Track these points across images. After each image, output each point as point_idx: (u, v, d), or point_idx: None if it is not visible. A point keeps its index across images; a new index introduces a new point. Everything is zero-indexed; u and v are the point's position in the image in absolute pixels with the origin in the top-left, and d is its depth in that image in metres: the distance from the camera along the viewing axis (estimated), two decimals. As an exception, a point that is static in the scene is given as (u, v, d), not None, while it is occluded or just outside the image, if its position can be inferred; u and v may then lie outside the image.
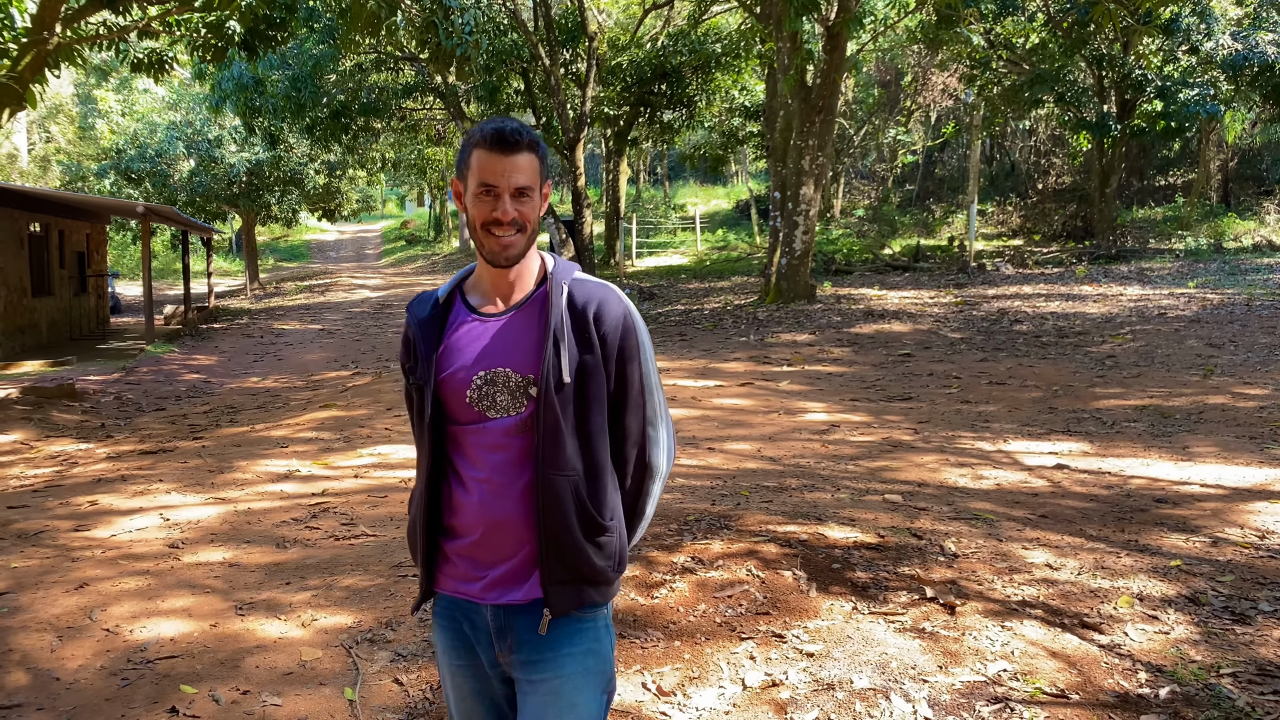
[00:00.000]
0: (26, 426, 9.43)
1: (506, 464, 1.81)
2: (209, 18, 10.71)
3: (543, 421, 1.78)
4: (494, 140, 1.78)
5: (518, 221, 1.80)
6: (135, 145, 26.61)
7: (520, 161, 1.79)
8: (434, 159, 34.60)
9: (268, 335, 18.54)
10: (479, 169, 1.80)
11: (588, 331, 1.82)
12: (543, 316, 1.83)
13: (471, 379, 1.82)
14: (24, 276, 16.40)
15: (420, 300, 1.94)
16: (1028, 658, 3.41)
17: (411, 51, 19.96)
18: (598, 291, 1.86)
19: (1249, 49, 20.10)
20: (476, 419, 1.82)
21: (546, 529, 1.78)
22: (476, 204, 1.81)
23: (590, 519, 1.81)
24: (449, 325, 1.90)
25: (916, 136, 35.37)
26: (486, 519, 1.82)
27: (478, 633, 1.86)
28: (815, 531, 4.68)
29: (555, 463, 1.78)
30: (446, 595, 1.90)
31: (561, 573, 1.80)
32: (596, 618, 1.87)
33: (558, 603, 1.80)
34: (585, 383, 1.82)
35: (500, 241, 1.80)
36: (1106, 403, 8.73)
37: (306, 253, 47.93)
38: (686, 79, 21.32)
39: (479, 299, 1.91)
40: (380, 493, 6.05)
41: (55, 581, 4.39)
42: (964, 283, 19.54)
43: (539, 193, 1.84)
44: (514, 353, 1.82)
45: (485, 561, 1.84)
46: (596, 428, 1.84)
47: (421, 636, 3.73)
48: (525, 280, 1.88)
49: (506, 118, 1.84)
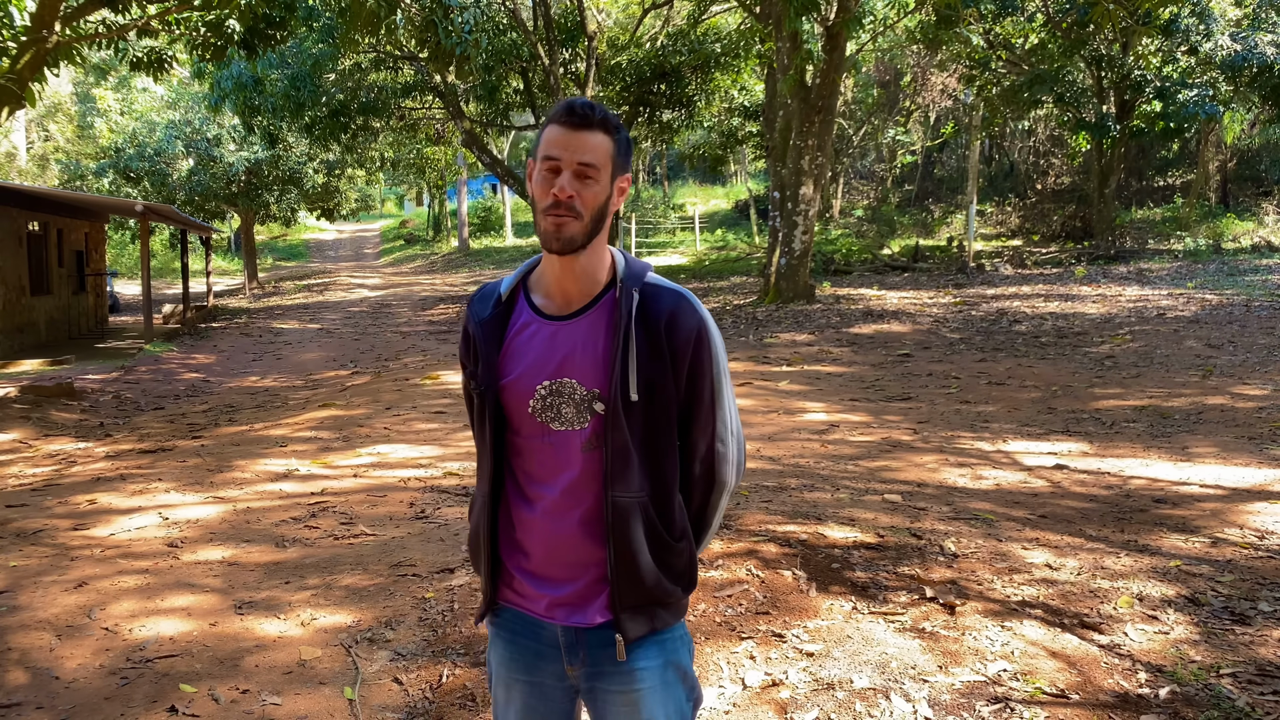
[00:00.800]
0: (25, 425, 9.42)
1: (571, 481, 1.72)
2: (208, 16, 10.71)
3: (611, 441, 1.68)
4: (565, 113, 1.65)
5: (575, 203, 1.63)
6: (134, 144, 26.60)
7: (589, 139, 1.64)
8: (433, 158, 34.59)
9: (266, 334, 18.53)
10: (546, 143, 1.66)
11: (659, 343, 1.70)
12: (611, 324, 1.70)
13: (535, 388, 1.71)
14: (23, 275, 16.38)
15: (482, 296, 1.82)
16: (1028, 658, 3.41)
17: (411, 50, 19.95)
18: (671, 299, 1.73)
19: (1248, 50, 20.12)
20: (539, 431, 1.72)
21: (617, 554, 1.69)
22: (539, 183, 1.66)
23: (660, 540, 1.73)
24: (511, 325, 1.77)
25: (915, 137, 35.39)
26: (549, 536, 1.73)
27: (543, 646, 1.78)
28: (815, 531, 4.68)
29: (624, 484, 1.69)
30: (510, 608, 1.81)
31: (633, 598, 1.72)
32: (674, 629, 1.80)
33: (631, 629, 1.72)
34: (654, 398, 1.71)
35: (553, 220, 1.64)
36: (1106, 403, 8.73)
37: (305, 252, 47.93)
38: (686, 79, 21.31)
39: (542, 297, 1.77)
40: (379, 492, 6.05)
41: (54, 580, 4.38)
42: (963, 283, 19.55)
43: (610, 180, 1.68)
44: (580, 362, 1.70)
45: (548, 579, 1.76)
46: (665, 445, 1.74)
47: (420, 636, 3.73)
48: (592, 278, 1.73)
49: (582, 98, 1.72)
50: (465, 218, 42.11)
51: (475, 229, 44.45)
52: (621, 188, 1.72)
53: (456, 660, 3.52)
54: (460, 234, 41.87)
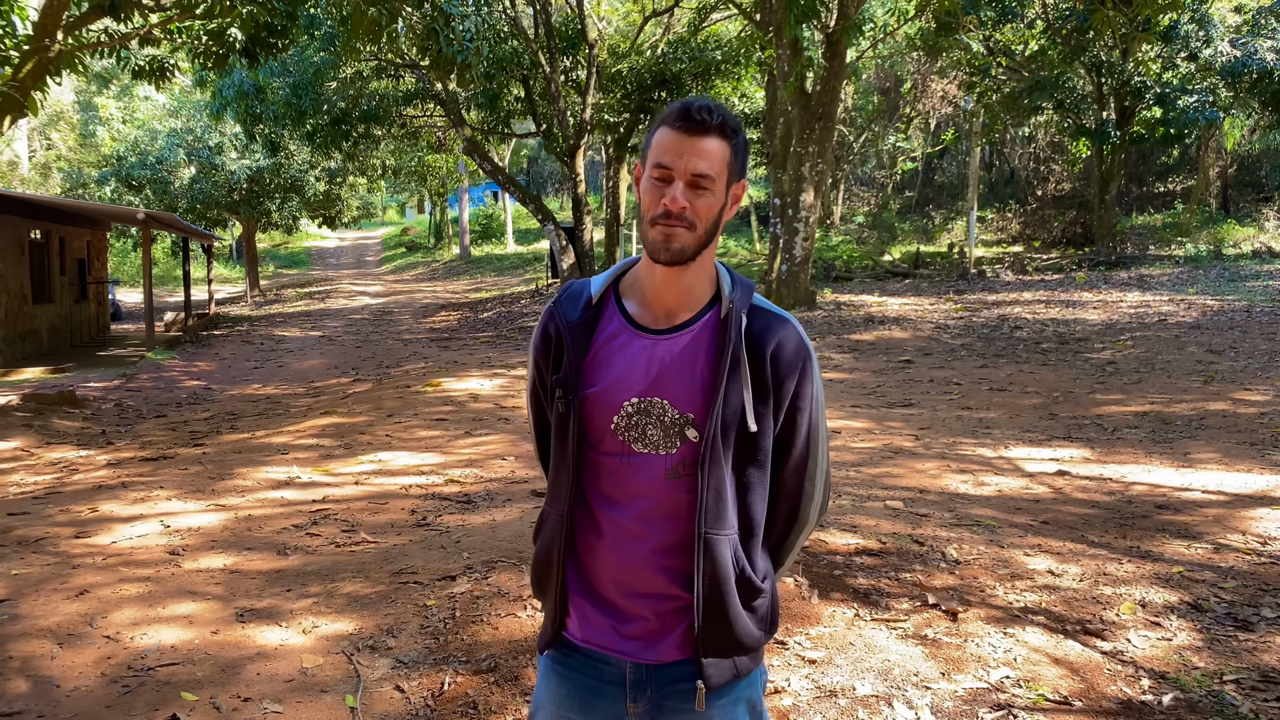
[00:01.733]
0: (27, 433, 9.42)
1: (650, 509, 1.60)
2: (210, 25, 10.75)
3: (707, 473, 1.56)
4: (679, 117, 1.53)
5: (687, 215, 1.53)
6: (136, 152, 26.66)
7: (706, 146, 1.53)
8: (434, 166, 34.65)
9: (268, 342, 18.54)
10: (657, 147, 1.55)
11: (763, 372, 1.59)
12: (713, 346, 1.59)
13: (622, 404, 1.59)
14: (25, 283, 16.40)
15: (570, 296, 1.68)
16: (1030, 664, 3.40)
17: (412, 59, 20.00)
18: (779, 326, 1.62)
19: (1248, 56, 20.14)
20: (620, 450, 1.60)
21: (707, 595, 1.58)
22: (649, 190, 1.56)
23: (748, 583, 1.63)
24: (599, 331, 1.64)
25: (916, 143, 35.44)
26: (616, 564, 1.62)
27: (603, 684, 1.67)
28: (816, 538, 4.68)
29: (718, 520, 1.58)
30: (573, 640, 1.69)
31: (718, 642, 1.61)
32: (754, 674, 1.71)
33: (715, 677, 1.62)
34: (755, 431, 1.60)
35: (664, 231, 1.53)
36: (1107, 409, 8.72)
37: (307, 259, 47.98)
38: (687, 86, 21.37)
39: (637, 306, 1.64)
40: (381, 499, 6.04)
41: (56, 588, 4.38)
42: (964, 289, 19.55)
43: (725, 189, 1.57)
44: (675, 382, 1.58)
45: (615, 610, 1.64)
46: (756, 480, 1.64)
47: (422, 644, 3.72)
48: (696, 293, 1.62)
49: (701, 97, 1.58)
50: (467, 225, 42.19)
51: (476, 236, 44.52)
52: (736, 195, 1.61)
53: (458, 668, 3.52)
54: (462, 241, 41.94)
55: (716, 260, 1.66)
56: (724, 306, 1.60)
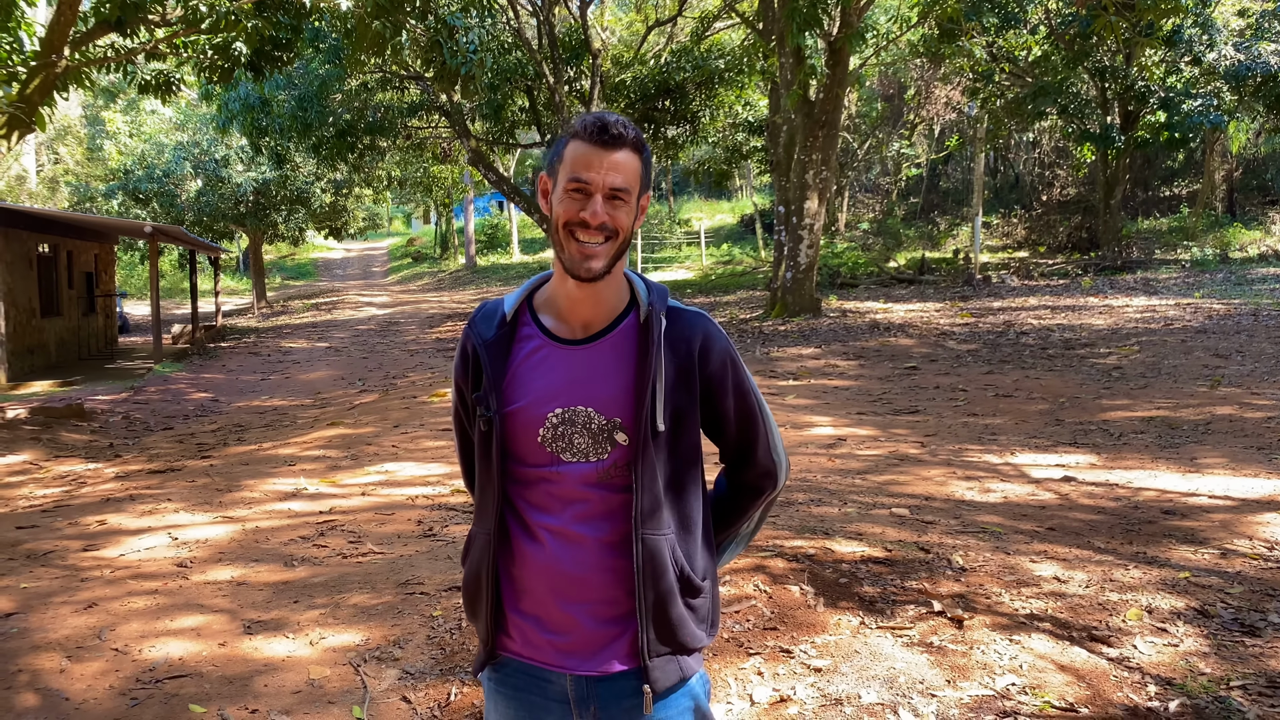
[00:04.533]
0: (35, 446, 9.46)
1: (585, 517, 1.61)
2: (215, 39, 10.80)
3: (641, 476, 1.58)
4: (595, 132, 1.56)
5: (608, 227, 1.56)
6: (143, 166, 26.78)
7: (621, 159, 1.56)
8: (439, 177, 34.76)
9: (275, 354, 18.60)
10: (572, 162, 1.57)
11: (690, 372, 1.62)
12: (635, 350, 1.61)
13: (546, 416, 1.60)
14: (33, 297, 16.49)
15: (485, 315, 1.70)
16: (1036, 671, 3.39)
17: (417, 71, 20.08)
18: (700, 324, 1.65)
19: (1251, 59, 20.14)
20: (548, 461, 1.61)
21: (647, 597, 1.59)
22: (564, 202, 1.57)
23: (688, 581, 1.64)
24: (517, 346, 1.65)
25: (920, 150, 35.45)
26: (555, 575, 1.61)
27: (549, 701, 1.66)
28: (822, 546, 4.68)
29: (655, 522, 1.59)
30: (511, 659, 1.68)
31: (661, 645, 1.62)
32: (700, 676, 1.72)
33: (661, 679, 1.62)
34: (682, 430, 1.62)
35: (584, 249, 1.56)
36: (1113, 414, 8.70)
37: (313, 271, 48.15)
38: (690, 95, 21.41)
39: (553, 319, 1.66)
40: (388, 510, 6.06)
41: (64, 601, 4.40)
42: (969, 295, 19.53)
43: (636, 201, 1.61)
44: (598, 389, 1.60)
45: (553, 624, 1.63)
46: (690, 480, 1.65)
47: (429, 655, 3.73)
48: (610, 302, 1.64)
49: (610, 112, 1.61)
50: (472, 235, 42.31)
51: (482, 246, 44.65)
52: (644, 205, 1.65)
53: (465, 679, 3.53)
54: (467, 251, 42.06)
55: (626, 269, 1.69)
56: (642, 311, 1.63)
